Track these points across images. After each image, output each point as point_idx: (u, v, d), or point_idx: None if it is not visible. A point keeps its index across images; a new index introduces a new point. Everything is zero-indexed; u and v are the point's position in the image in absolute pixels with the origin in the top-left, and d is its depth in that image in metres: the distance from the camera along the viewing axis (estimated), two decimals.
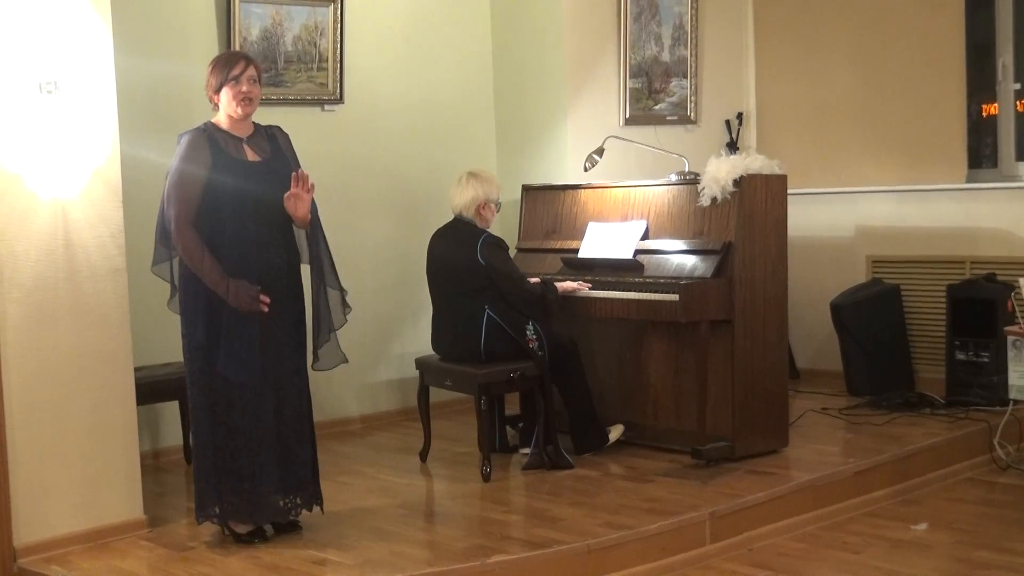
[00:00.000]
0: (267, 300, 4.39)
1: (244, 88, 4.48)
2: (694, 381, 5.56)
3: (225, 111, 4.50)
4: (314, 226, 4.59)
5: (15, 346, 4.55)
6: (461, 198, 5.68)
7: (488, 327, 5.50)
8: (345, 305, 4.68)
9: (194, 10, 6.19)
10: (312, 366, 4.71)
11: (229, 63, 4.50)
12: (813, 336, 7.59)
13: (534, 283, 5.72)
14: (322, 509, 4.77)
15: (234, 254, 4.41)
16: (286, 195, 4.49)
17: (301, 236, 4.67)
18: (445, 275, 5.68)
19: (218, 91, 4.48)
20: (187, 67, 6.05)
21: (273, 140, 4.64)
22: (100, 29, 4.73)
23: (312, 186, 4.52)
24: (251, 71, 4.51)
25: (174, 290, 4.57)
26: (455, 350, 5.64)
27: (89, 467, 4.73)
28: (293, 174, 4.49)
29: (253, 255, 4.44)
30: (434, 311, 5.79)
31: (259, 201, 4.46)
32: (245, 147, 4.53)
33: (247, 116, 4.53)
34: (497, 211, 5.76)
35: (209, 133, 4.48)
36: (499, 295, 5.54)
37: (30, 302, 4.58)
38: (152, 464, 5.92)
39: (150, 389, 5.52)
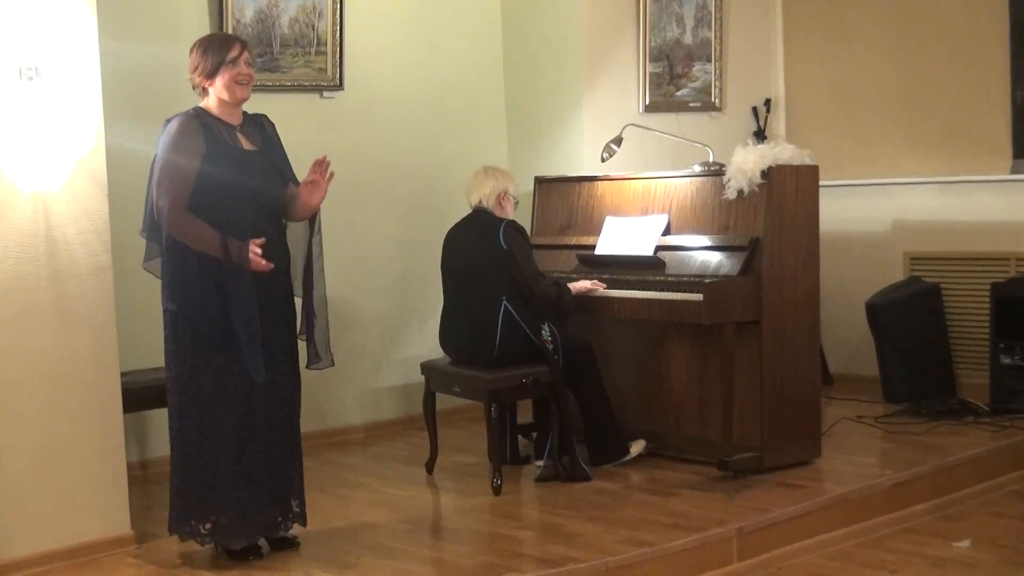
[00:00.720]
0: (260, 251, 4.38)
1: (244, 70, 4.50)
2: (719, 387, 5.55)
3: (220, 96, 4.50)
4: (316, 218, 4.66)
5: None
6: (480, 189, 5.75)
7: (504, 322, 5.51)
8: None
9: None
10: (308, 365, 4.74)
11: (225, 45, 4.52)
12: (847, 339, 7.59)
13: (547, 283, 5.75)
14: (304, 524, 4.77)
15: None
16: (304, 181, 4.58)
17: (296, 230, 4.71)
18: (462, 267, 5.70)
19: (212, 75, 4.49)
20: (177, 52, 6.04)
21: (263, 129, 4.66)
22: (84, 11, 4.75)
23: (331, 174, 4.58)
24: (246, 54, 4.54)
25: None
26: (467, 349, 5.66)
27: (72, 479, 4.75)
28: (315, 160, 4.59)
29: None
30: (446, 307, 5.81)
31: (258, 191, 4.48)
32: (239, 135, 4.55)
33: (244, 100, 4.55)
34: (515, 208, 5.79)
35: (201, 119, 4.49)
36: (518, 289, 5.56)
37: (9, 302, 4.60)
38: (140, 476, 5.94)
39: (137, 395, 5.52)
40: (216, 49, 4.51)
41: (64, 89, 4.70)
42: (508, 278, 5.55)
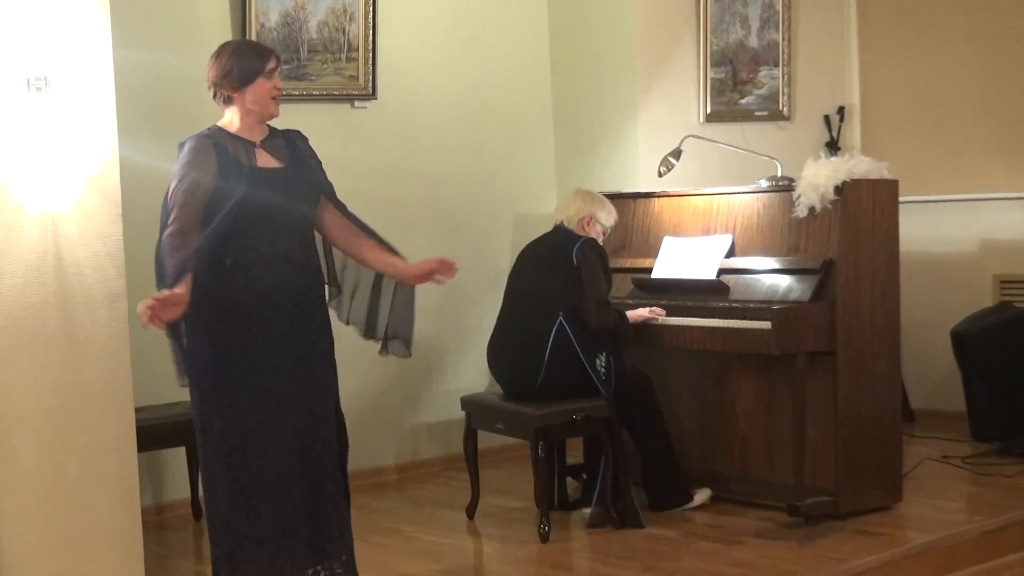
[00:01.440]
0: (159, 306, 4.25)
1: (279, 84, 4.50)
2: (790, 424, 5.52)
3: (248, 107, 4.45)
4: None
5: None
6: (566, 210, 5.89)
7: (556, 343, 5.52)
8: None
9: None
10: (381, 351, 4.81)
11: (262, 54, 4.49)
12: (931, 371, 7.54)
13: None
14: None
15: (237, 273, 4.41)
16: (426, 270, 4.67)
17: (342, 259, 4.74)
18: (527, 283, 5.76)
19: (245, 84, 4.45)
20: (197, 60, 6.03)
21: (292, 144, 4.63)
22: (97, 17, 4.77)
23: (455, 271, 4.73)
24: (279, 68, 4.54)
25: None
26: (512, 369, 5.69)
27: (82, 523, 4.75)
28: (440, 261, 4.67)
29: (257, 273, 4.42)
30: (498, 324, 5.85)
31: (270, 212, 4.44)
32: (259, 151, 4.52)
33: (274, 117, 4.54)
34: (603, 236, 5.87)
35: (215, 139, 4.47)
36: (576, 305, 5.57)
37: (15, 332, 4.61)
38: (155, 521, 5.96)
39: (153, 433, 5.55)
40: (252, 56, 4.48)
41: (75, 100, 4.72)
42: (570, 297, 5.57)
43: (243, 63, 4.45)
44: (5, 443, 4.60)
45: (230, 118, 4.51)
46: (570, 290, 5.58)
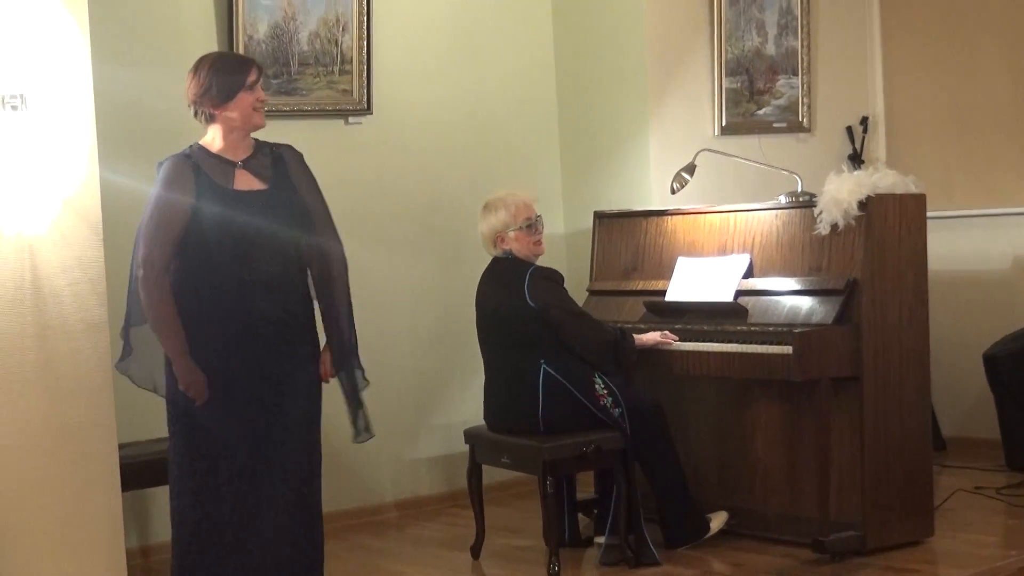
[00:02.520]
0: (201, 393, 4.42)
1: (262, 96, 4.53)
2: (813, 455, 5.52)
3: (232, 124, 4.47)
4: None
5: None
6: (481, 235, 5.83)
7: (546, 388, 5.53)
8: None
9: (187, 5, 6.30)
10: (356, 439, 4.72)
11: (242, 67, 4.53)
12: (962, 396, 7.54)
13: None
14: None
15: (212, 302, 4.42)
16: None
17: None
18: (492, 326, 5.75)
19: (227, 100, 4.48)
20: (181, 76, 6.04)
21: (279, 162, 4.62)
22: (75, 33, 4.80)
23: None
24: (261, 79, 4.57)
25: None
26: (507, 419, 5.68)
27: (65, 567, 4.76)
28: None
29: (231, 303, 4.42)
30: (485, 373, 5.83)
31: (249, 237, 4.44)
32: (239, 172, 4.52)
33: (260, 128, 4.56)
34: (533, 233, 5.76)
35: (195, 159, 4.48)
36: (557, 346, 5.57)
37: None
38: (140, 564, 5.96)
39: (138, 470, 5.54)
40: (232, 70, 4.50)
41: (53, 119, 4.75)
42: (544, 337, 5.58)
43: (222, 78, 4.48)
44: None
45: (212, 136, 4.53)
46: (541, 332, 5.58)
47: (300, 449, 4.55)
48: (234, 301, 4.43)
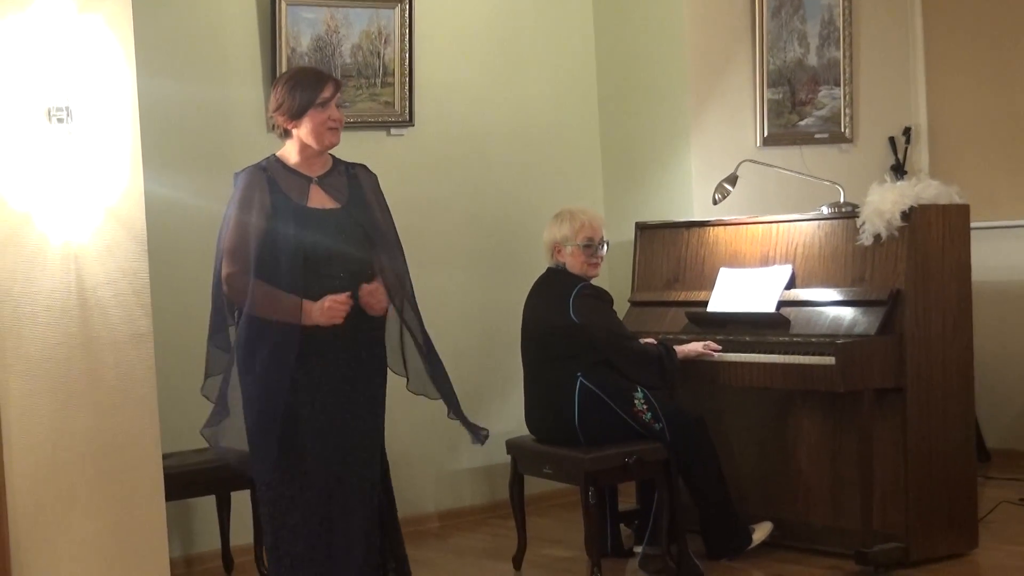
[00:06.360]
0: (342, 303, 4.41)
1: (335, 115, 4.52)
2: (856, 466, 5.50)
3: (304, 140, 4.48)
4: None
5: (18, 429, 4.62)
6: (544, 245, 5.87)
7: (582, 401, 5.53)
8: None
9: (230, 19, 6.33)
10: (477, 441, 4.87)
11: (317, 83, 4.51)
12: (1007, 407, 7.50)
13: (648, 343, 5.75)
14: None
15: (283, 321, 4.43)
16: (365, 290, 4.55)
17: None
18: (535, 337, 5.76)
19: (298, 117, 4.48)
20: (225, 87, 6.18)
21: (355, 182, 4.63)
22: (120, 46, 4.84)
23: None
24: (339, 96, 4.55)
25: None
26: (547, 430, 5.71)
27: None
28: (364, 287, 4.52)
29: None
30: (524, 383, 5.85)
31: (321, 256, 4.46)
32: (313, 189, 4.51)
33: (333, 147, 4.56)
34: (590, 255, 5.77)
35: (270, 172, 4.49)
36: (596, 361, 5.57)
37: (37, 375, 4.66)
38: (184, 574, 5.99)
39: (183, 481, 5.57)
40: (306, 86, 4.49)
41: (98, 132, 4.78)
42: (583, 351, 5.60)
43: (296, 95, 4.47)
44: (28, 492, 4.63)
45: (290, 150, 4.55)
46: (581, 349, 5.60)
47: (362, 466, 4.61)
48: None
